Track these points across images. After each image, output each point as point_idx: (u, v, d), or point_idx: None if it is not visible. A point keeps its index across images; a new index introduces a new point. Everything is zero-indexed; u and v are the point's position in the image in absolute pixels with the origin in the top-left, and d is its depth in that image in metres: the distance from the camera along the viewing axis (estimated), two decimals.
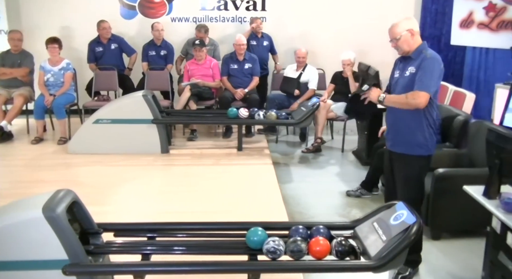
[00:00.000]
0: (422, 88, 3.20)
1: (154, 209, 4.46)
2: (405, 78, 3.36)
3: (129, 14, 8.22)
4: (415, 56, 3.35)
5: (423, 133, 3.34)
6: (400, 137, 3.43)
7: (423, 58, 3.28)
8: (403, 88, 3.36)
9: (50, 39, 6.75)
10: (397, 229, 2.71)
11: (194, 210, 4.39)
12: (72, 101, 6.92)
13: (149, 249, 2.93)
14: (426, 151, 3.37)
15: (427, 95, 3.21)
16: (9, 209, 2.89)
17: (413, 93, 3.22)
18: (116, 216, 3.99)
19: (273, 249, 2.75)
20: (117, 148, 6.03)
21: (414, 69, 3.30)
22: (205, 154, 6.24)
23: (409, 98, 3.23)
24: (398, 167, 3.47)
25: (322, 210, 4.69)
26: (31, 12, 8.01)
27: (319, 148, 6.49)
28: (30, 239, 2.62)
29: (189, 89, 6.84)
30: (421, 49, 3.34)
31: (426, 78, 3.20)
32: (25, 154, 6.18)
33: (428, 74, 3.22)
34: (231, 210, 4.40)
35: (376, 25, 8.23)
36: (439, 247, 3.92)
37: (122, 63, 7.74)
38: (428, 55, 3.27)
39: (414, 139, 3.36)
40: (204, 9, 8.23)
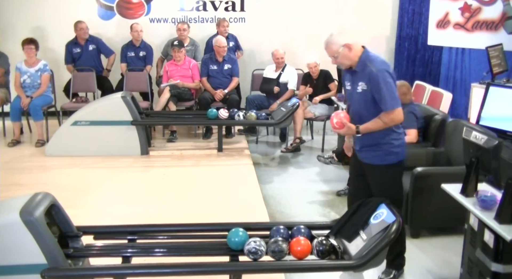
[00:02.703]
0: (391, 107, 3.17)
1: (135, 211, 4.43)
2: (359, 94, 3.29)
3: (106, 14, 8.14)
4: (360, 69, 3.28)
5: (389, 141, 3.29)
6: (367, 147, 3.37)
7: (369, 73, 3.20)
8: (359, 104, 3.32)
9: (27, 40, 6.66)
10: (377, 228, 2.74)
11: (174, 212, 4.37)
12: (49, 102, 6.84)
13: (129, 252, 2.92)
14: (396, 158, 3.32)
15: (398, 109, 3.20)
16: None
17: (387, 116, 3.18)
18: (95, 219, 3.95)
19: (254, 250, 2.76)
20: (96, 150, 5.98)
21: (366, 86, 3.24)
22: (185, 155, 6.21)
23: (385, 120, 3.20)
24: (370, 176, 3.41)
25: (302, 210, 4.71)
26: (5, 11, 7.88)
27: (298, 148, 6.51)
28: (7, 243, 2.58)
29: (169, 90, 6.80)
30: (364, 60, 3.26)
31: (387, 96, 3.17)
32: (2, 157, 6.07)
33: (385, 90, 3.17)
34: (212, 211, 4.39)
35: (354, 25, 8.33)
36: (418, 245, 3.96)
37: (100, 64, 7.66)
38: (375, 69, 3.19)
39: (381, 148, 3.31)
40: (182, 9, 8.20)
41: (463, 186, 3.05)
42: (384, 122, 3.21)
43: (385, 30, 8.53)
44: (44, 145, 6.40)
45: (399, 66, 8.48)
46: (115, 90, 7.35)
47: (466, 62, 7.42)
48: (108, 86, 7.54)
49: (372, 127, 3.24)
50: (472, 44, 7.00)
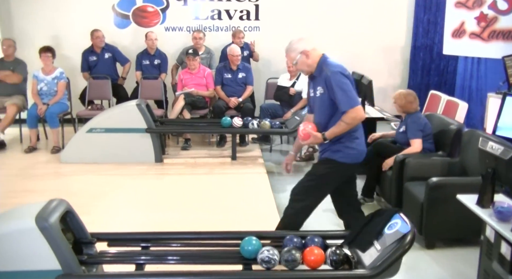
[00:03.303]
0: (348, 106, 3.21)
1: (148, 219, 4.44)
2: (318, 98, 3.39)
3: (122, 23, 8.23)
4: (318, 74, 3.37)
5: (342, 141, 3.34)
6: (327, 148, 3.44)
7: (325, 77, 3.29)
8: (319, 109, 3.42)
9: (44, 48, 6.75)
10: (391, 238, 2.71)
11: (188, 220, 4.37)
12: (65, 110, 6.91)
13: (142, 259, 2.92)
14: (341, 157, 3.36)
15: (358, 107, 3.23)
16: (1, 219, 2.86)
17: (347, 116, 3.23)
18: (109, 226, 3.97)
19: (267, 259, 2.75)
20: (110, 157, 6.02)
21: (322, 89, 3.33)
22: (199, 163, 6.23)
23: (347, 121, 3.24)
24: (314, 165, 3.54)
25: (316, 219, 4.65)
26: (24, 21, 8.00)
27: (312, 157, 6.49)
28: (23, 249, 2.60)
29: (183, 98, 6.84)
30: (321, 65, 3.35)
31: (343, 96, 3.21)
32: (18, 164, 6.15)
33: (340, 91, 3.22)
34: (225, 220, 4.39)
35: (369, 35, 8.36)
36: (432, 256, 3.92)
37: (115, 72, 7.73)
38: (329, 72, 3.27)
39: (334, 146, 3.37)
40: (197, 18, 8.26)
41: (479, 197, 3.02)
42: (346, 123, 3.25)
43: (399, 40, 8.52)
44: (59, 151, 6.46)
45: (414, 75, 8.45)
46: (130, 97, 7.41)
47: (482, 71, 7.37)
48: (123, 94, 7.60)
49: (336, 130, 3.30)
50: (488, 54, 6.95)
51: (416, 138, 4.64)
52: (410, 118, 4.76)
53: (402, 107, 4.79)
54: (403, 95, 4.80)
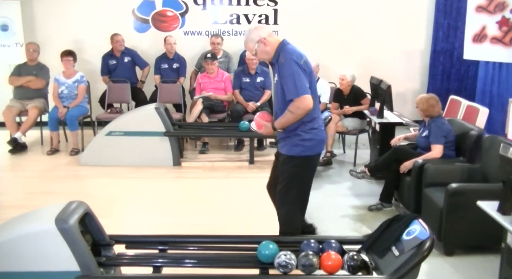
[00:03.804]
0: (294, 95, 3.19)
1: (166, 222, 4.46)
2: (275, 86, 3.40)
3: (142, 27, 8.30)
4: (275, 61, 3.36)
5: (298, 133, 3.32)
6: (281, 138, 3.45)
7: (279, 64, 3.28)
8: (275, 96, 3.43)
9: (65, 52, 6.85)
10: (409, 245, 2.69)
11: (205, 223, 4.38)
12: (85, 113, 6.98)
13: (160, 262, 2.94)
14: (302, 151, 3.34)
15: (304, 96, 3.18)
16: (22, 220, 2.91)
17: (292, 104, 3.21)
18: (127, 228, 3.99)
19: (284, 263, 2.74)
20: (129, 161, 6.06)
21: (277, 77, 3.33)
22: (217, 167, 6.24)
23: (293, 110, 3.22)
24: (278, 165, 3.50)
25: (333, 224, 4.66)
26: (46, 25, 8.12)
27: (330, 161, 6.47)
28: (42, 250, 2.64)
29: (201, 102, 6.87)
30: (279, 51, 3.32)
31: (290, 84, 3.19)
32: (38, 166, 6.23)
33: (288, 79, 3.20)
34: (242, 223, 4.39)
35: (388, 39, 8.32)
36: (452, 263, 3.87)
37: (134, 76, 7.80)
38: (282, 59, 3.26)
39: (290, 139, 3.35)
40: (216, 23, 8.29)
41: (500, 204, 2.98)
42: (291, 111, 3.22)
43: (419, 45, 8.45)
44: (78, 153, 6.53)
45: (434, 80, 8.38)
46: (148, 101, 7.46)
47: (503, 76, 7.27)
48: (142, 97, 7.66)
49: (283, 120, 3.29)
50: (510, 59, 6.86)
51: (438, 143, 4.60)
52: (434, 122, 4.72)
53: (425, 111, 4.75)
54: (424, 99, 4.76)
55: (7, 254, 2.63)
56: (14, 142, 6.68)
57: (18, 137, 6.71)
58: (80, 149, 6.69)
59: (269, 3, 8.26)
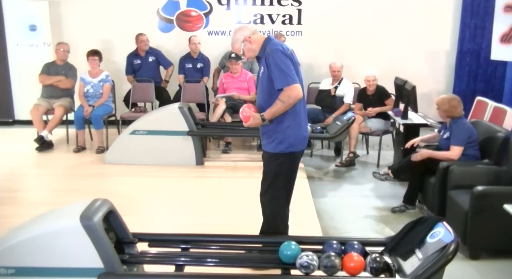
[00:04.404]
0: (284, 84, 3.19)
1: (188, 221, 4.48)
2: (261, 79, 3.39)
3: (166, 27, 8.36)
4: (261, 54, 3.38)
5: (283, 129, 3.32)
6: (264, 134, 3.45)
7: (266, 55, 3.29)
8: (259, 89, 3.43)
9: (91, 52, 6.94)
10: (433, 247, 2.65)
11: (227, 223, 4.39)
12: (109, 112, 7.06)
13: (182, 260, 2.95)
14: (287, 147, 3.34)
15: (294, 85, 3.19)
16: (47, 217, 2.96)
17: (283, 94, 3.21)
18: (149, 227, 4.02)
19: (306, 264, 2.74)
20: (152, 159, 6.11)
21: (263, 68, 3.33)
22: (239, 166, 6.25)
23: (283, 99, 3.21)
24: (264, 163, 3.51)
25: (356, 225, 4.64)
26: (73, 25, 8.23)
27: (353, 162, 6.43)
28: (67, 246, 2.67)
29: (224, 101, 6.89)
30: (265, 45, 3.35)
31: (279, 73, 3.19)
32: (64, 164, 6.33)
33: (277, 68, 3.20)
34: None
35: (413, 40, 8.23)
36: (477, 268, 3.81)
37: (159, 75, 7.86)
38: (269, 50, 3.27)
39: (275, 136, 3.36)
40: (240, 22, 8.31)
41: None
42: (282, 100, 3.21)
43: (445, 45, 8.34)
44: (103, 152, 6.61)
45: (460, 81, 8.26)
46: (172, 100, 7.52)
47: None
48: (166, 96, 7.72)
49: (274, 110, 3.27)
50: None
51: (458, 145, 4.54)
52: (455, 124, 4.65)
53: (447, 112, 4.69)
54: (446, 99, 4.70)
55: (33, 249, 2.68)
56: (40, 140, 6.80)
57: (45, 135, 6.82)
58: (105, 148, 6.77)
59: (293, 3, 8.24)
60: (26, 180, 5.91)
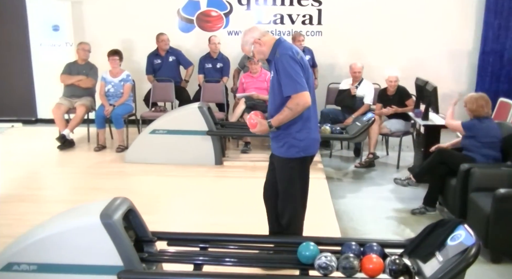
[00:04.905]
0: (292, 91, 3.14)
1: (206, 220, 4.50)
2: (271, 83, 3.36)
3: (186, 27, 8.40)
4: (271, 57, 3.32)
5: (292, 132, 3.29)
6: (273, 138, 3.41)
7: (275, 59, 3.24)
8: (270, 93, 3.38)
9: (112, 51, 7.01)
10: (454, 250, 2.62)
11: (246, 222, 4.39)
12: (130, 111, 7.12)
13: (201, 260, 2.97)
14: (298, 152, 3.31)
15: (302, 93, 3.13)
16: (68, 214, 3.00)
17: (291, 101, 3.16)
18: (168, 226, 4.04)
19: (325, 265, 2.73)
20: (172, 159, 6.14)
21: (273, 73, 3.28)
22: (258, 166, 6.24)
23: (290, 106, 3.16)
24: (276, 168, 3.46)
25: (375, 227, 4.60)
26: (94, 25, 8.32)
27: (372, 163, 6.38)
28: (87, 244, 2.71)
29: (244, 101, 6.90)
30: (275, 48, 3.29)
31: (287, 80, 3.14)
32: (85, 162, 6.40)
33: (285, 74, 3.15)
34: None
35: (434, 40, 8.14)
36: (498, 271, 3.76)
37: (178, 75, 7.90)
38: (278, 54, 3.22)
39: (284, 140, 3.31)
40: (260, 22, 8.31)
41: None
42: (290, 108, 3.17)
43: (467, 45, 8.23)
44: (124, 151, 6.67)
45: (482, 82, 8.14)
46: (192, 100, 7.55)
47: None
48: (186, 96, 7.75)
49: (281, 117, 3.22)
50: None
51: (460, 123, 4.66)
52: (480, 122, 4.61)
53: (473, 111, 4.63)
54: (474, 98, 4.64)
55: (54, 246, 2.72)
56: (62, 139, 6.88)
57: (66, 134, 6.91)
58: (125, 147, 6.83)
59: (313, 3, 8.21)
60: (48, 178, 6.00)
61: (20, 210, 4.69)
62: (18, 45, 8.36)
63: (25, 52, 8.36)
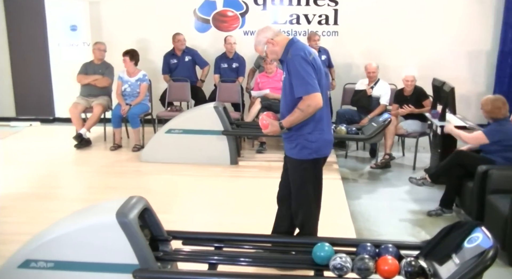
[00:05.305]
0: (303, 93, 3.13)
1: (221, 220, 4.51)
2: (283, 83, 3.34)
3: (202, 27, 8.42)
4: (284, 57, 3.31)
5: (304, 133, 3.27)
6: (286, 139, 3.39)
7: (288, 60, 3.23)
8: (283, 94, 3.34)
9: (126, 52, 7.02)
10: (471, 253, 2.59)
11: (260, 223, 4.38)
12: (146, 110, 7.16)
13: (215, 259, 2.97)
14: (310, 154, 3.29)
15: (314, 94, 3.11)
16: (84, 213, 3.02)
17: (302, 103, 3.14)
18: (183, 225, 4.06)
19: (339, 266, 2.72)
20: (187, 158, 6.17)
21: (285, 73, 3.28)
22: (274, 166, 6.24)
23: (301, 107, 3.15)
24: (289, 169, 3.45)
25: (391, 228, 4.57)
26: (112, 25, 8.38)
27: (388, 164, 6.34)
28: (103, 242, 2.73)
29: (259, 101, 6.90)
30: (288, 48, 3.27)
31: (299, 81, 3.13)
32: (101, 161, 6.45)
33: (297, 76, 3.14)
34: None
35: (451, 40, 8.07)
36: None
37: (194, 75, 7.92)
38: (290, 55, 3.20)
39: (296, 141, 3.29)
40: (276, 23, 8.29)
41: None
42: (301, 109, 3.15)
43: (485, 45, 8.14)
44: (140, 150, 6.71)
45: (501, 83, 8.04)
46: (208, 100, 7.57)
47: None
48: (202, 96, 7.78)
49: (292, 118, 3.21)
50: None
51: (485, 135, 4.53)
52: (495, 124, 4.55)
53: (490, 113, 4.58)
54: (490, 100, 4.59)
55: (70, 244, 2.75)
56: (79, 138, 6.95)
57: (83, 133, 6.97)
58: (141, 146, 6.87)
59: (330, 3, 8.18)
60: (65, 176, 6.06)
61: (38, 208, 4.75)
62: (36, 45, 8.45)
63: (43, 52, 8.46)
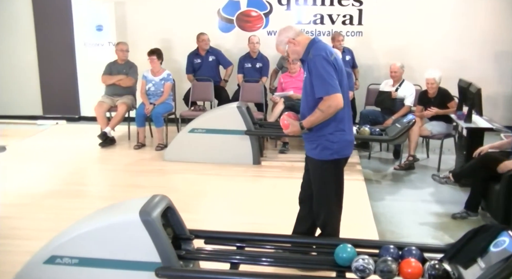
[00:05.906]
0: (323, 93, 3.11)
1: (243, 220, 4.52)
2: (304, 83, 3.32)
3: (226, 27, 8.45)
4: (305, 57, 3.29)
5: (325, 134, 3.24)
6: (306, 139, 3.38)
7: (309, 60, 3.21)
8: (304, 94, 3.32)
9: (151, 51, 7.08)
10: (497, 257, 2.55)
11: (283, 223, 4.38)
12: (170, 110, 7.22)
13: (237, 259, 2.98)
14: (331, 154, 3.26)
15: (335, 94, 3.09)
16: (108, 211, 3.06)
17: (323, 103, 3.12)
18: (205, 224, 4.08)
19: (362, 267, 2.70)
20: (210, 158, 6.20)
21: (306, 73, 3.25)
22: (296, 167, 6.23)
23: (322, 108, 3.13)
24: (310, 170, 3.44)
25: (414, 230, 4.52)
26: (136, 25, 8.47)
27: (412, 166, 6.27)
28: (126, 240, 2.75)
29: (283, 101, 6.89)
30: (309, 48, 3.25)
31: (319, 81, 3.11)
32: (125, 160, 6.52)
33: (317, 76, 3.12)
34: None
35: (477, 39, 7.94)
36: None
37: (218, 74, 7.95)
38: (311, 55, 3.18)
39: (318, 141, 3.28)
40: (300, 23, 8.28)
41: None
42: (321, 110, 3.13)
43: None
44: (163, 149, 6.77)
45: None
46: (231, 100, 7.59)
47: None
48: (225, 96, 7.80)
49: (312, 118, 3.20)
50: None
51: None
52: None
53: None
54: None
55: (94, 241, 2.78)
56: (104, 136, 7.03)
57: (108, 131, 7.06)
58: (165, 145, 6.92)
59: (354, 3, 8.13)
60: (89, 174, 6.14)
61: (63, 205, 4.82)
62: (63, 44, 8.59)
63: (70, 52, 8.59)
